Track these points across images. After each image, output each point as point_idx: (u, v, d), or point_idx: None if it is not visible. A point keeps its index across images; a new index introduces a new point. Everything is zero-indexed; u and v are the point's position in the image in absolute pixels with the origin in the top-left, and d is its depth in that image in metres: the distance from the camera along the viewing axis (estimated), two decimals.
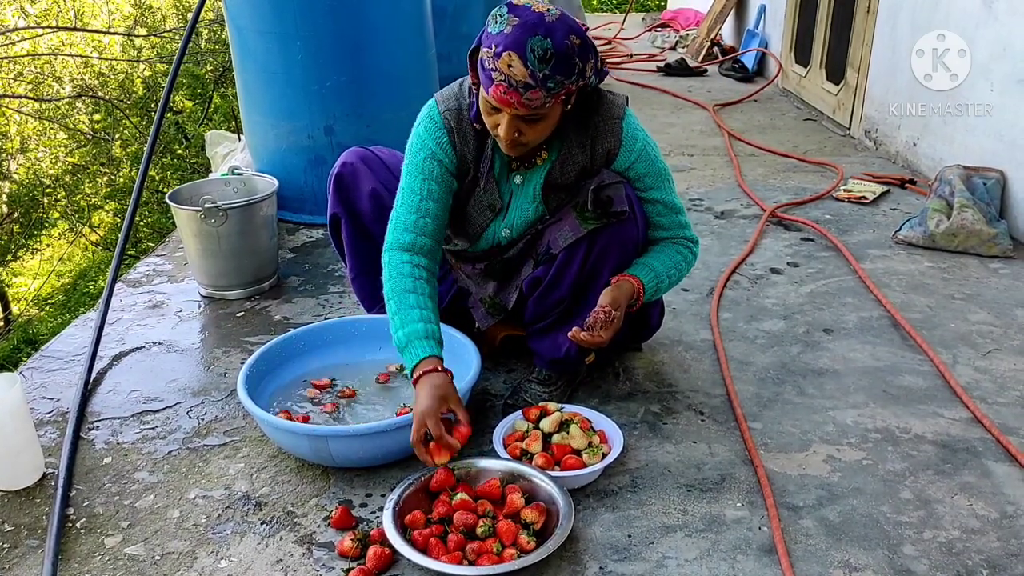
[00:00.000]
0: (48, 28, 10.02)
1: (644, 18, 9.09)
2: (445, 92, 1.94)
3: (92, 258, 10.96)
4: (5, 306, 10.19)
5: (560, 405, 1.93)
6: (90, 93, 10.16)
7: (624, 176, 1.92)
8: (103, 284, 2.59)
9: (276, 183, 2.85)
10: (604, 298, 1.84)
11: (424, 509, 1.66)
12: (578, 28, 1.69)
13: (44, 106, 10.10)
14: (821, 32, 5.07)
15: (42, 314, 9.99)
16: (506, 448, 1.83)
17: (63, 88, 10.19)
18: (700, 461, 1.89)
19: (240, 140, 3.85)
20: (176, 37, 9.88)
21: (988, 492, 1.78)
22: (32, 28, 9.98)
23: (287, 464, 1.90)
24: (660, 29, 8.28)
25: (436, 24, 3.47)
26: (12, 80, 9.76)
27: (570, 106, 1.80)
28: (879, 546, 1.63)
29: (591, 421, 1.90)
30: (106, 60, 10.34)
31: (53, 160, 10.55)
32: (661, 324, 2.22)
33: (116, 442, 2.00)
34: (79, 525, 1.72)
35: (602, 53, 7.25)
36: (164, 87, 2.97)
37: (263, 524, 1.71)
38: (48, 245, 11.50)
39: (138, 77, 10.39)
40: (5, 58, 9.44)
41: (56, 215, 10.50)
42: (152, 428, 2.05)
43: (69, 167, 10.37)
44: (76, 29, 10.04)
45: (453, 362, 2.09)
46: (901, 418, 2.04)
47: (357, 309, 2.46)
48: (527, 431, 1.86)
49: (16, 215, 9.99)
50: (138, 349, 2.44)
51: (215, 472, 1.88)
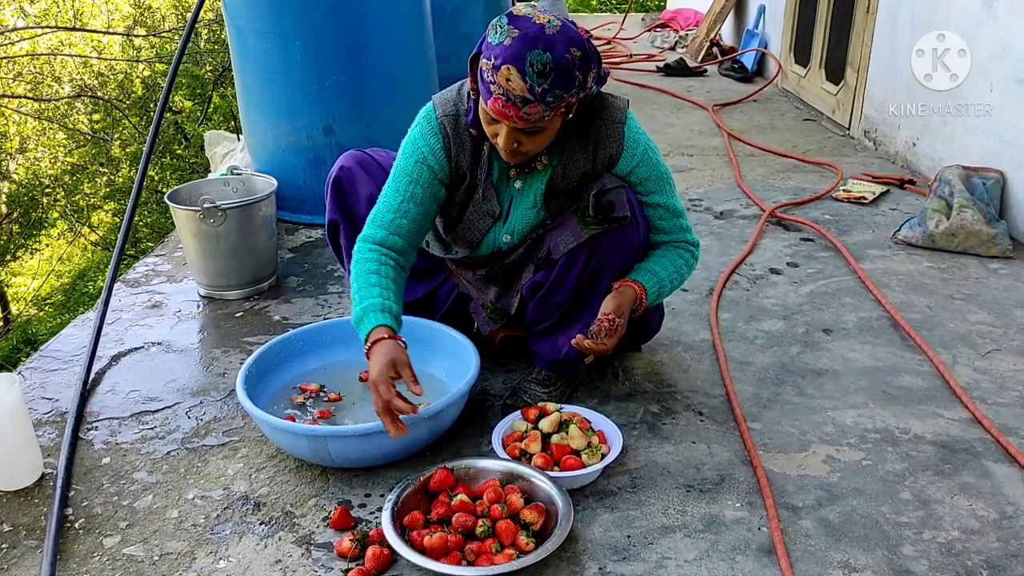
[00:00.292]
0: (47, 28, 10.02)
1: (643, 18, 9.09)
2: (443, 96, 1.93)
3: (91, 258, 10.96)
4: (4, 306, 10.19)
5: (559, 405, 1.93)
6: (89, 93, 10.16)
7: (626, 180, 1.91)
8: (102, 284, 2.59)
9: (275, 183, 2.85)
10: (607, 305, 1.84)
11: (423, 509, 1.66)
12: (579, 39, 1.66)
13: (43, 106, 10.10)
14: (820, 32, 5.07)
15: (41, 314, 9.99)
16: (505, 448, 1.82)
17: (62, 88, 10.19)
18: (699, 461, 1.89)
19: (239, 140, 3.85)
20: (175, 37, 9.89)
21: (988, 492, 1.78)
22: (31, 28, 9.98)
23: (286, 464, 1.90)
24: (659, 29, 8.28)
25: (435, 24, 3.47)
26: (11, 80, 9.76)
27: (571, 116, 1.79)
28: (878, 546, 1.63)
29: (590, 421, 1.90)
30: (105, 60, 10.34)
31: (52, 160, 10.55)
32: (661, 327, 2.22)
33: (115, 442, 2.00)
34: (78, 525, 1.72)
35: (602, 53, 7.27)
36: (163, 87, 2.97)
37: (262, 524, 1.71)
38: (47, 245, 11.51)
39: (137, 77, 10.39)
40: (4, 58, 9.44)
41: (55, 215, 10.50)
42: (151, 428, 2.05)
43: (68, 167, 10.37)
44: (75, 29, 10.04)
45: (453, 362, 2.10)
46: (900, 418, 2.04)
47: None
48: (526, 431, 1.85)
49: (15, 215, 9.99)
50: (137, 349, 2.44)
51: (214, 472, 1.88)
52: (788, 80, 5.68)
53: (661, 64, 6.56)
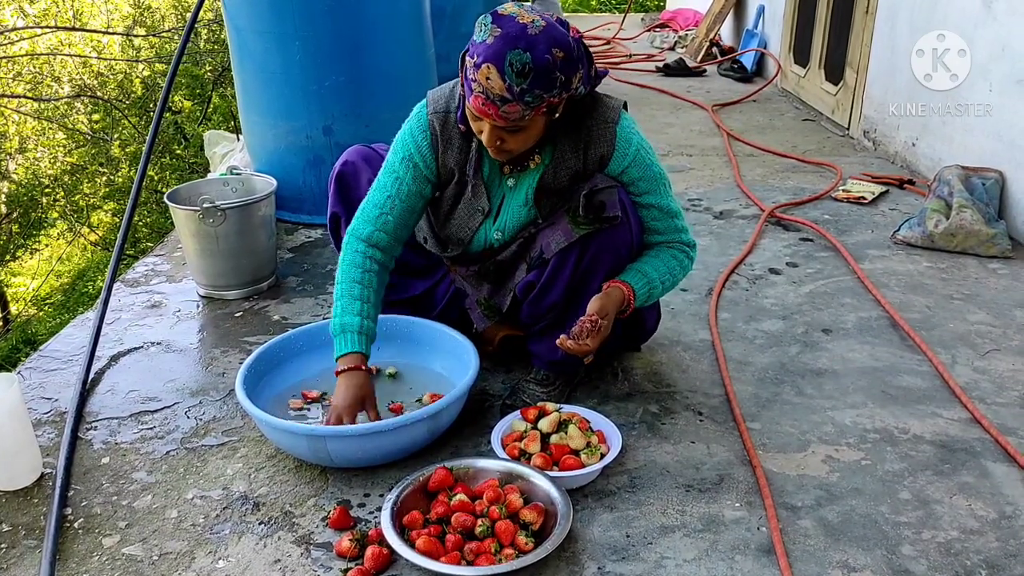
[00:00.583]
0: (47, 28, 10.01)
1: (643, 18, 9.10)
2: (437, 92, 1.95)
3: (91, 258, 10.96)
4: (4, 306, 10.18)
5: (558, 405, 1.93)
6: (89, 93, 10.16)
7: (618, 180, 1.91)
8: (102, 284, 2.59)
9: (274, 183, 2.84)
10: (592, 306, 1.84)
11: (422, 509, 1.66)
12: (563, 40, 1.66)
13: (43, 106, 10.10)
14: (820, 32, 5.07)
15: (41, 314, 9.98)
16: (504, 448, 1.82)
17: (62, 88, 10.18)
18: (699, 461, 1.89)
19: (238, 140, 3.85)
20: (175, 37, 9.88)
21: (987, 492, 1.78)
22: (31, 28, 9.97)
23: (285, 464, 1.90)
24: (659, 29, 8.28)
25: (435, 24, 3.47)
26: (11, 80, 9.76)
27: (558, 115, 1.79)
28: (878, 546, 1.63)
29: (589, 421, 1.90)
30: (105, 60, 10.34)
31: (52, 160, 10.55)
32: (657, 327, 2.22)
33: (114, 442, 2.00)
34: (77, 525, 1.72)
35: (601, 53, 7.29)
36: (163, 87, 2.97)
37: (261, 524, 1.71)
38: (47, 245, 11.50)
39: (137, 77, 10.39)
40: (4, 58, 9.43)
41: (55, 215, 10.50)
42: (150, 428, 2.05)
43: (68, 167, 10.36)
44: (75, 29, 10.04)
45: (452, 362, 2.10)
46: (900, 418, 2.04)
47: None
48: (525, 431, 1.85)
49: (15, 215, 9.99)
50: (136, 349, 2.44)
51: (213, 472, 1.88)
52: (787, 80, 5.68)
53: (660, 64, 6.56)
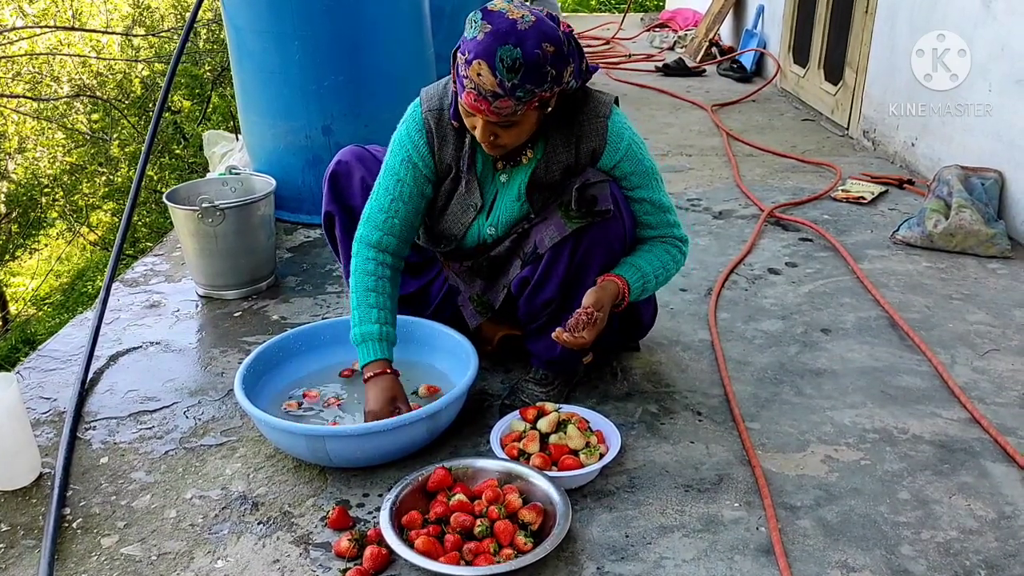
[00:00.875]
0: (46, 27, 10.01)
1: (642, 18, 9.10)
2: (430, 90, 1.97)
3: (90, 258, 10.96)
4: (3, 306, 10.18)
5: (557, 405, 1.93)
6: (88, 93, 10.15)
7: (610, 175, 1.91)
8: (101, 284, 2.59)
9: (273, 183, 2.84)
10: (587, 299, 1.84)
11: (421, 509, 1.66)
12: (553, 35, 1.67)
13: (42, 106, 10.09)
14: (819, 32, 5.07)
15: (40, 314, 9.98)
16: (503, 448, 1.82)
17: (61, 88, 10.18)
18: (698, 461, 1.89)
19: (238, 140, 3.85)
20: (174, 37, 9.88)
21: (986, 492, 1.78)
22: (30, 28, 9.97)
23: (284, 464, 1.90)
24: (658, 29, 8.28)
25: (434, 24, 3.47)
26: (10, 80, 9.75)
27: (550, 109, 1.80)
28: (877, 546, 1.63)
29: (588, 421, 1.90)
30: (104, 60, 10.34)
31: (51, 160, 10.55)
32: (654, 323, 2.22)
33: (113, 442, 1.99)
34: (75, 525, 1.72)
35: (601, 53, 7.29)
36: (162, 87, 2.96)
37: (260, 524, 1.71)
38: (46, 245, 11.50)
39: (136, 77, 10.39)
40: (3, 58, 9.43)
41: (54, 215, 10.50)
42: (149, 428, 2.05)
43: (67, 167, 10.36)
44: (74, 29, 10.03)
45: (451, 362, 2.10)
46: (899, 418, 2.04)
47: None
48: (524, 431, 1.85)
49: (14, 215, 9.98)
50: (135, 349, 2.44)
51: (212, 472, 1.88)
52: (787, 80, 5.68)
53: (660, 64, 6.56)
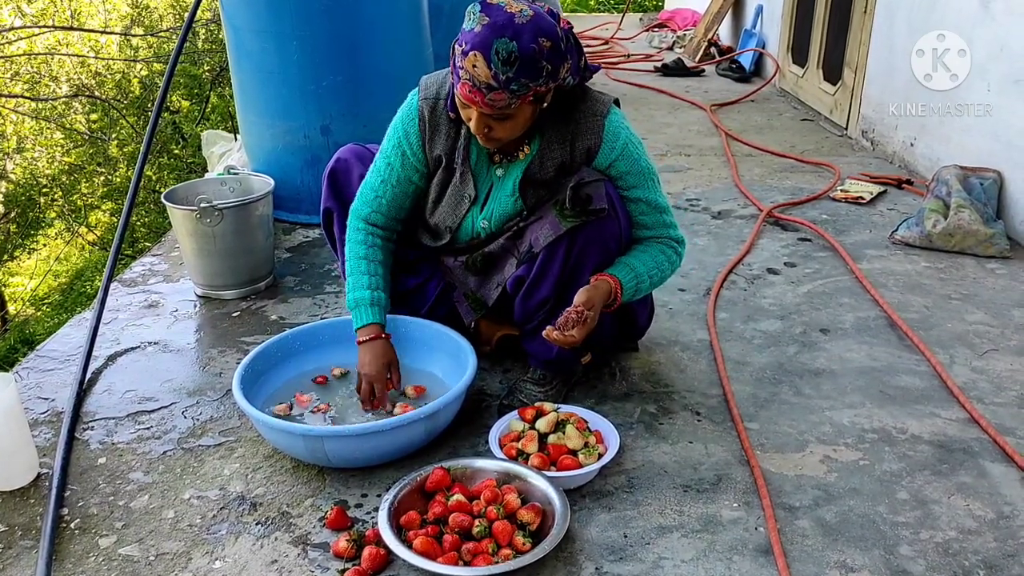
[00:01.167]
0: (45, 27, 10.01)
1: (641, 18, 9.10)
2: (430, 79, 1.99)
3: (89, 258, 10.96)
4: (2, 306, 10.17)
5: (556, 405, 1.92)
6: (87, 93, 10.15)
7: (605, 174, 1.91)
8: (100, 284, 2.58)
9: (272, 183, 2.84)
10: (578, 297, 1.84)
11: (420, 509, 1.66)
12: (551, 30, 1.68)
13: (40, 106, 10.09)
14: (818, 32, 5.07)
15: (39, 314, 9.98)
16: (502, 448, 1.82)
17: (60, 88, 10.18)
18: (696, 461, 1.88)
19: (236, 140, 3.84)
20: (173, 37, 9.88)
21: (985, 492, 1.77)
22: (29, 27, 9.97)
23: (282, 464, 1.89)
24: (657, 29, 8.28)
25: (432, 23, 3.47)
26: (9, 79, 9.75)
27: (545, 104, 1.81)
28: (875, 546, 1.63)
29: (587, 421, 1.90)
30: (103, 60, 10.33)
31: (50, 160, 10.55)
32: (650, 324, 2.22)
33: (111, 442, 1.99)
34: (73, 526, 1.72)
35: (599, 53, 7.29)
36: (161, 87, 2.96)
37: (258, 525, 1.71)
38: (45, 245, 11.50)
39: (135, 77, 10.39)
40: (1, 57, 9.43)
41: (53, 215, 10.50)
42: (147, 428, 2.05)
43: (66, 167, 10.36)
44: (73, 28, 10.03)
45: (449, 362, 2.10)
46: (898, 418, 2.04)
47: None
48: (523, 431, 1.85)
49: (13, 215, 9.98)
50: (133, 349, 2.44)
51: (210, 472, 1.87)
52: (786, 80, 5.68)
53: (659, 64, 6.57)
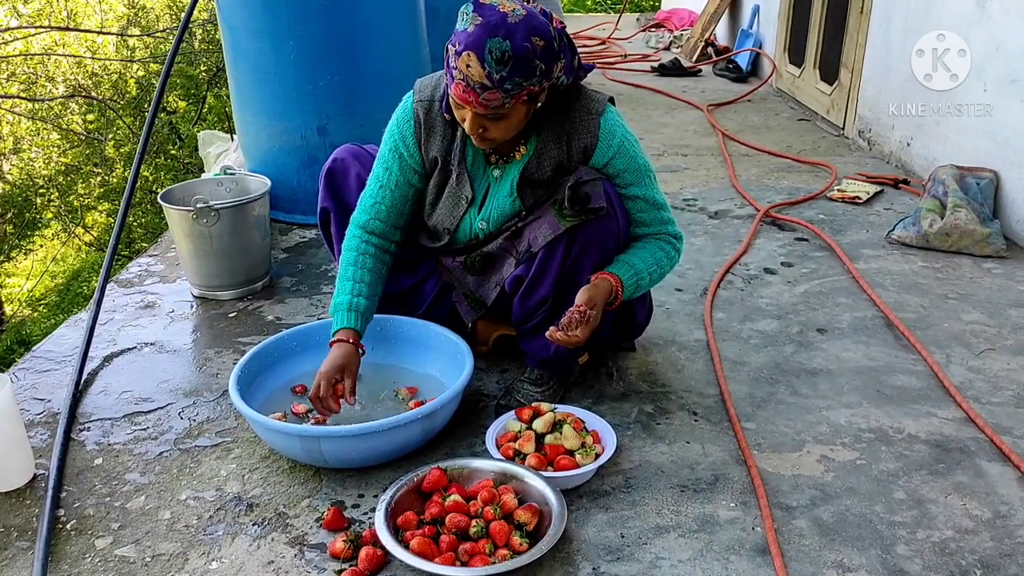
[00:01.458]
0: (41, 28, 10.00)
1: (638, 18, 9.10)
2: (424, 81, 1.98)
3: (85, 259, 10.95)
4: None
5: (553, 405, 1.92)
6: (83, 93, 10.14)
7: (603, 173, 1.92)
8: (96, 284, 2.58)
9: (269, 183, 2.84)
10: (580, 297, 1.84)
11: (417, 510, 1.66)
12: (544, 29, 1.69)
13: (37, 106, 10.08)
14: (815, 32, 5.07)
15: (35, 315, 9.97)
16: (499, 448, 1.82)
17: (56, 88, 10.17)
18: (693, 461, 1.88)
19: (233, 140, 3.84)
20: (169, 37, 9.87)
21: (981, 492, 1.78)
22: (25, 28, 9.96)
23: (279, 465, 1.89)
24: (654, 29, 8.29)
25: (429, 24, 3.46)
26: (5, 80, 9.74)
27: (539, 104, 1.80)
28: (872, 546, 1.63)
29: (584, 421, 1.89)
30: (99, 60, 10.32)
31: (46, 160, 10.54)
32: (649, 322, 2.22)
33: (107, 443, 1.99)
34: (69, 527, 1.71)
35: (597, 53, 7.29)
36: (157, 87, 2.96)
37: (255, 525, 1.70)
38: (41, 246, 11.49)
39: (131, 77, 10.38)
40: None
41: (49, 216, 10.49)
42: (143, 429, 2.04)
43: (62, 167, 10.35)
44: (69, 29, 10.02)
45: (446, 362, 2.10)
46: (894, 418, 2.04)
47: None
48: (520, 431, 1.85)
49: (9, 215, 9.97)
50: (130, 350, 2.43)
51: (207, 473, 1.87)
52: (782, 80, 5.69)
53: (656, 64, 6.57)
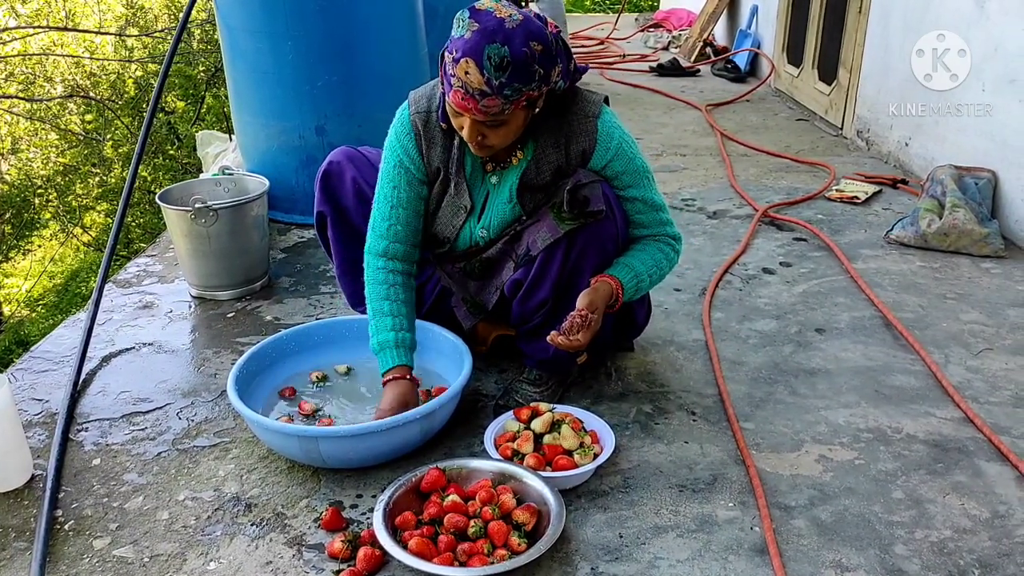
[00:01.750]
0: (39, 28, 9.99)
1: (637, 18, 9.11)
2: (418, 92, 1.97)
3: (84, 259, 10.94)
4: None
5: (551, 405, 1.92)
6: (81, 93, 10.13)
7: (601, 175, 1.91)
8: (94, 285, 2.58)
9: (267, 183, 2.84)
10: (581, 301, 1.84)
11: (415, 510, 1.66)
12: (541, 34, 1.68)
13: (35, 106, 10.08)
14: (813, 32, 5.08)
15: (33, 315, 9.96)
16: (497, 449, 1.82)
17: (54, 88, 10.16)
18: (692, 461, 1.88)
19: (231, 140, 3.84)
20: (168, 37, 9.87)
21: (980, 492, 1.78)
22: (23, 28, 9.95)
23: (277, 465, 1.89)
24: (653, 29, 8.29)
25: (427, 24, 3.46)
26: (3, 80, 9.73)
27: (538, 109, 1.80)
28: (871, 546, 1.63)
29: (582, 421, 1.89)
30: (98, 60, 10.32)
31: (44, 161, 10.53)
32: (648, 323, 2.22)
33: (105, 443, 1.99)
34: (67, 527, 1.71)
35: (595, 53, 7.29)
36: (155, 87, 2.96)
37: (253, 526, 1.70)
38: (40, 246, 11.48)
39: (130, 77, 10.38)
40: None
41: (48, 216, 10.48)
42: (142, 429, 2.04)
43: (60, 168, 10.34)
44: (67, 29, 10.02)
45: (445, 363, 2.10)
46: (893, 418, 2.04)
47: (348, 309, 2.45)
48: (518, 431, 1.85)
49: (7, 216, 9.96)
50: (128, 350, 2.43)
51: (205, 473, 1.87)
52: (781, 80, 5.69)
53: (654, 64, 6.57)
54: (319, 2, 3.02)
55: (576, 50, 7.25)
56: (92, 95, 10.16)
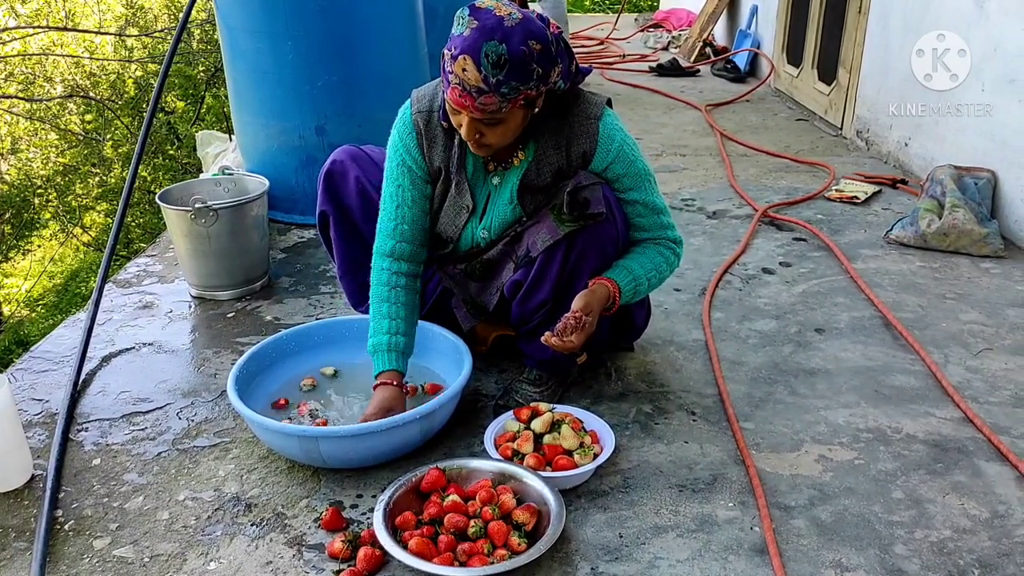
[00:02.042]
0: (39, 28, 9.99)
1: (636, 18, 9.11)
2: (420, 91, 1.97)
3: (83, 259, 10.94)
4: None
5: (551, 405, 1.92)
6: (81, 93, 10.13)
7: (602, 177, 1.91)
8: (94, 285, 2.58)
9: (267, 183, 2.84)
10: (577, 303, 1.83)
11: (415, 510, 1.66)
12: (541, 33, 1.68)
13: (35, 106, 10.08)
14: (813, 32, 5.08)
15: (33, 315, 9.96)
16: (497, 449, 1.82)
17: (54, 88, 10.16)
18: (692, 461, 1.88)
19: (231, 140, 3.84)
20: (167, 37, 9.87)
21: (979, 492, 1.78)
22: (23, 28, 9.95)
23: (277, 465, 1.89)
24: (652, 29, 8.30)
25: (427, 24, 3.47)
26: (3, 80, 9.73)
27: (537, 109, 1.80)
28: (871, 546, 1.63)
29: (582, 421, 1.89)
30: (97, 60, 10.32)
31: (44, 161, 10.53)
32: (647, 325, 2.22)
33: (105, 443, 1.99)
34: (67, 527, 1.71)
35: (595, 53, 7.29)
36: (155, 87, 2.96)
37: (253, 526, 1.70)
38: (39, 246, 11.48)
39: (129, 77, 10.38)
40: None
41: (47, 216, 10.49)
42: (142, 429, 2.04)
43: (60, 168, 10.35)
44: (67, 29, 10.02)
45: (445, 363, 2.10)
46: (893, 418, 2.04)
47: (348, 309, 2.45)
48: (518, 431, 1.85)
49: (7, 216, 9.96)
50: (128, 350, 2.43)
51: (205, 473, 1.87)
52: (781, 80, 5.69)
53: (654, 64, 6.57)
54: (319, 2, 3.02)
55: (576, 50, 7.25)
56: (92, 95, 10.16)
